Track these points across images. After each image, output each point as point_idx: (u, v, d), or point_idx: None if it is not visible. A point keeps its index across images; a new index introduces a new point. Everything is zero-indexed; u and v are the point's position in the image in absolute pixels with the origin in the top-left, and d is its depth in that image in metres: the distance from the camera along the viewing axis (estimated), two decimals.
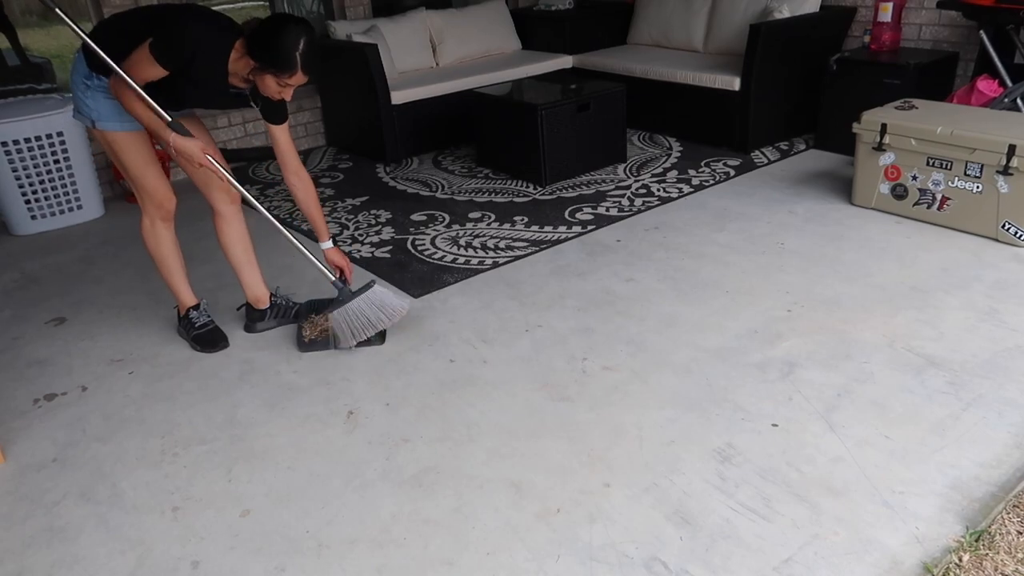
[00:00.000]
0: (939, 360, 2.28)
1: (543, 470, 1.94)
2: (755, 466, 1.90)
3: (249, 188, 4.28)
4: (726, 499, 1.80)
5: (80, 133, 3.87)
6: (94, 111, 2.31)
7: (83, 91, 2.30)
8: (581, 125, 4.05)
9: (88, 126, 2.36)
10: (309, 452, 2.09)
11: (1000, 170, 2.92)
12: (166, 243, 2.59)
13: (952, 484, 1.80)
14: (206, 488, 1.98)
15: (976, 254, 2.93)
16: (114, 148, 2.39)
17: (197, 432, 2.22)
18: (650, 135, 4.78)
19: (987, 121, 3.11)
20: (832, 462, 1.90)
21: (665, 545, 1.68)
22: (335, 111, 4.94)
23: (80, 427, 2.28)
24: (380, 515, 1.84)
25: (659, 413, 2.13)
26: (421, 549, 1.73)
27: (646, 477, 1.89)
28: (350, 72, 4.52)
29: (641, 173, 4.12)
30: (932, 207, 3.18)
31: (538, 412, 2.18)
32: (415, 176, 4.35)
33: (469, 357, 2.48)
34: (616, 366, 2.37)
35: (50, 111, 3.72)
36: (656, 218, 3.51)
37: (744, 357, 2.36)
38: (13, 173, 3.73)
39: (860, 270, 2.87)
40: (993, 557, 1.60)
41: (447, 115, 4.69)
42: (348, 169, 4.57)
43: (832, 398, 2.14)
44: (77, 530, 1.87)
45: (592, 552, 1.67)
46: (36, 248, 3.71)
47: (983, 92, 3.62)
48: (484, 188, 4.06)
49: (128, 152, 2.39)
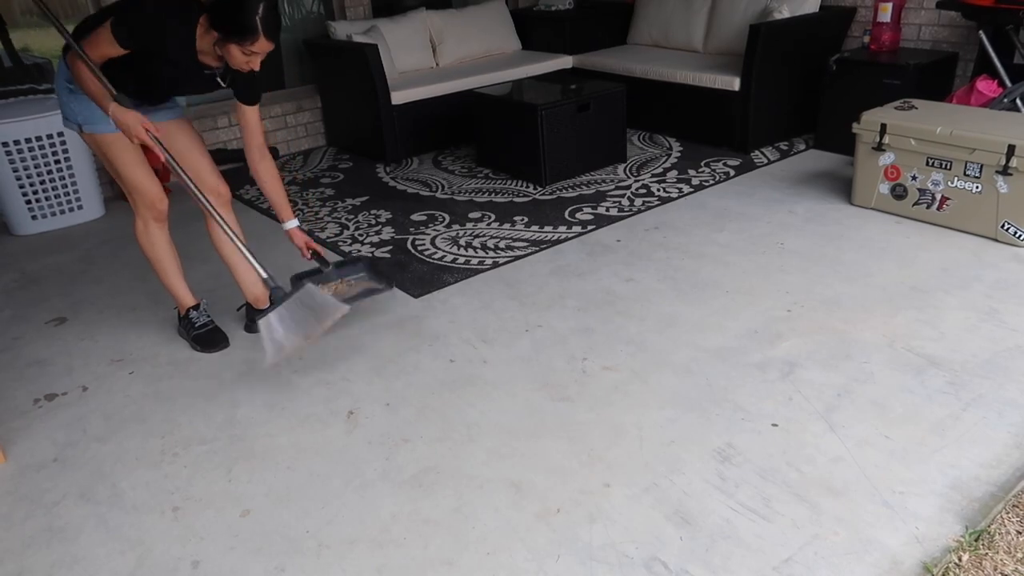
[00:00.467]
0: (939, 360, 2.28)
1: (543, 470, 1.94)
2: (755, 466, 1.90)
3: (249, 188, 4.29)
4: (726, 499, 1.80)
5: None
6: (79, 115, 2.32)
7: (67, 95, 2.31)
8: (581, 125, 4.05)
9: (75, 131, 2.38)
10: (309, 452, 2.09)
11: (1000, 170, 2.92)
12: (160, 244, 2.59)
13: (952, 484, 1.80)
14: (206, 488, 1.98)
15: (976, 254, 2.93)
16: (103, 150, 2.39)
17: (197, 432, 2.22)
18: (650, 135, 4.79)
19: (987, 121, 3.11)
20: (832, 462, 1.90)
21: (665, 545, 1.68)
22: (335, 111, 4.94)
23: (80, 427, 2.28)
24: (380, 515, 1.84)
25: (659, 413, 2.13)
26: (421, 549, 1.73)
27: (646, 477, 1.89)
28: (350, 72, 4.52)
29: (641, 173, 4.12)
30: (932, 207, 3.18)
31: (538, 412, 2.18)
32: (415, 176, 4.35)
33: (469, 357, 2.49)
34: (616, 366, 2.37)
35: (50, 111, 3.72)
36: (656, 218, 3.51)
37: (744, 357, 2.37)
38: (14, 173, 3.73)
39: (860, 270, 2.87)
40: (993, 557, 1.60)
41: (447, 115, 4.69)
42: (348, 169, 4.57)
43: (832, 398, 2.14)
44: (77, 530, 1.87)
45: (592, 552, 1.67)
46: (36, 248, 3.71)
47: (982, 92, 3.62)
48: (484, 188, 4.06)
49: (117, 154, 2.38)
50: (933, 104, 3.43)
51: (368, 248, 3.40)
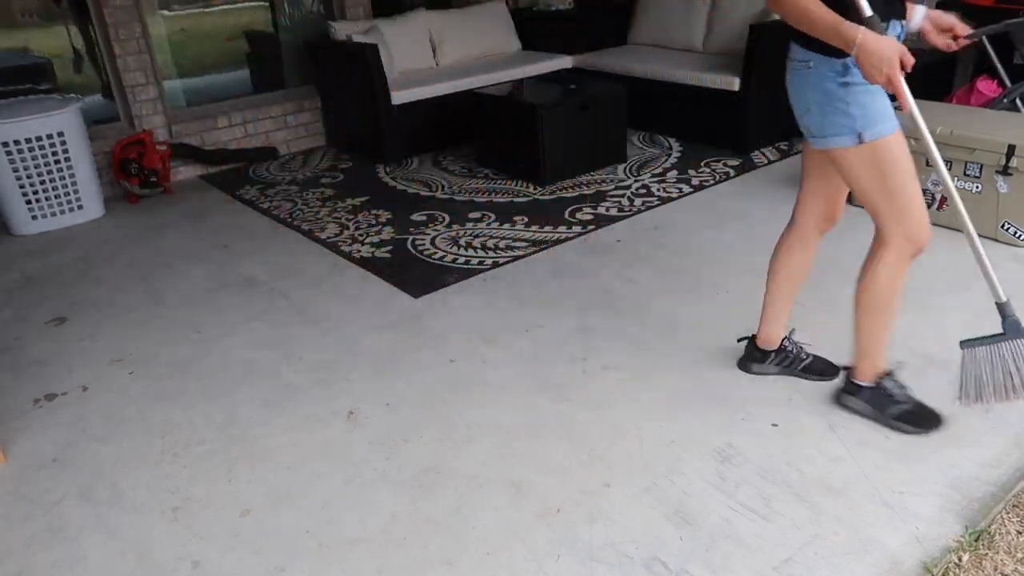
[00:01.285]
0: (939, 360, 2.28)
1: (543, 470, 1.94)
2: (755, 466, 1.90)
3: (249, 188, 4.28)
4: (726, 499, 1.80)
5: (80, 133, 3.86)
6: (859, 119, 1.72)
7: (840, 99, 1.72)
8: (581, 125, 4.05)
9: (843, 147, 1.76)
10: (309, 452, 2.09)
11: (999, 170, 2.92)
12: (901, 287, 1.90)
13: (952, 484, 1.80)
14: (206, 488, 1.98)
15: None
16: (882, 164, 1.75)
17: (197, 432, 2.22)
18: (650, 135, 4.78)
19: (987, 121, 3.11)
20: (832, 462, 1.90)
21: (665, 545, 1.68)
22: (335, 111, 4.94)
23: (80, 427, 2.28)
24: (380, 515, 1.84)
25: (659, 413, 2.13)
26: (421, 549, 1.73)
27: (646, 477, 1.89)
28: (350, 72, 4.52)
29: (641, 173, 4.12)
30: (932, 207, 3.18)
31: (538, 412, 2.18)
32: (415, 176, 4.35)
33: (470, 357, 2.49)
34: (616, 366, 2.37)
35: (50, 111, 3.72)
36: (656, 218, 3.51)
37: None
38: (14, 173, 3.73)
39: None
40: (993, 557, 1.60)
41: (447, 115, 4.68)
42: (348, 169, 4.57)
43: (833, 398, 2.14)
44: (77, 530, 1.87)
45: (592, 552, 1.67)
46: (37, 248, 3.71)
47: (982, 92, 3.62)
48: (484, 188, 4.06)
49: (896, 159, 1.75)
50: (933, 104, 3.43)
51: (368, 248, 3.40)
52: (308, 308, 2.90)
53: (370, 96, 4.40)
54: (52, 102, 3.86)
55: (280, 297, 2.99)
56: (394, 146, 4.55)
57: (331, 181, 4.38)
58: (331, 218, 3.79)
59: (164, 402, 2.38)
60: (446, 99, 4.63)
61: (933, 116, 3.20)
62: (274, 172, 4.58)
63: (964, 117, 3.18)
